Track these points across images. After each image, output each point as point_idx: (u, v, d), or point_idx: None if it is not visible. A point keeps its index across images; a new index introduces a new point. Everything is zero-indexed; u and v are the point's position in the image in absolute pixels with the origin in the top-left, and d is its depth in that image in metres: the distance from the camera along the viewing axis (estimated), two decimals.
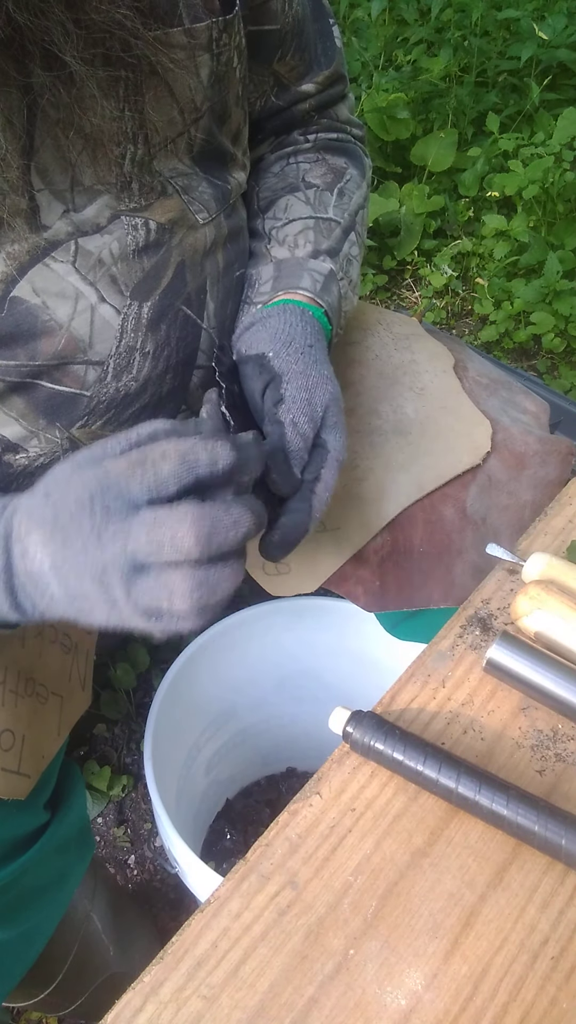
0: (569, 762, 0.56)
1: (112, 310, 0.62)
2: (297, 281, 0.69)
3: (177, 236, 0.64)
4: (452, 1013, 0.47)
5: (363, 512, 0.73)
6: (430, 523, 0.73)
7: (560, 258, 1.91)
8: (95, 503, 0.45)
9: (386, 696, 0.59)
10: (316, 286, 0.69)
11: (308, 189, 0.77)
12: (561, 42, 2.29)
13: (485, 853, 0.52)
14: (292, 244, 0.73)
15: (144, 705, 1.33)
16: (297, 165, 0.79)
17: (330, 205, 0.76)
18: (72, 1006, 0.96)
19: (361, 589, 0.72)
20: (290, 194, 0.76)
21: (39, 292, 0.59)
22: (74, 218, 0.59)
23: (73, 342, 0.61)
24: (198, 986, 0.48)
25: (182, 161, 0.64)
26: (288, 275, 0.70)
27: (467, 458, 0.75)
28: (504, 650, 0.57)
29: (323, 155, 0.79)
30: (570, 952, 0.49)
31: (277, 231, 0.74)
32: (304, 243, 0.72)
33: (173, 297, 0.65)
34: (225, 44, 0.63)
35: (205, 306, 0.67)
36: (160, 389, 0.66)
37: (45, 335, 0.60)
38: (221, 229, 0.68)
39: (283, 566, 0.74)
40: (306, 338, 0.63)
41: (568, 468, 0.80)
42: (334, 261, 0.72)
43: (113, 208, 0.61)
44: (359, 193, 0.79)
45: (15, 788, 0.64)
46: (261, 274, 0.72)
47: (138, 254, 0.62)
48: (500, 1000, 0.47)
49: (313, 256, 0.72)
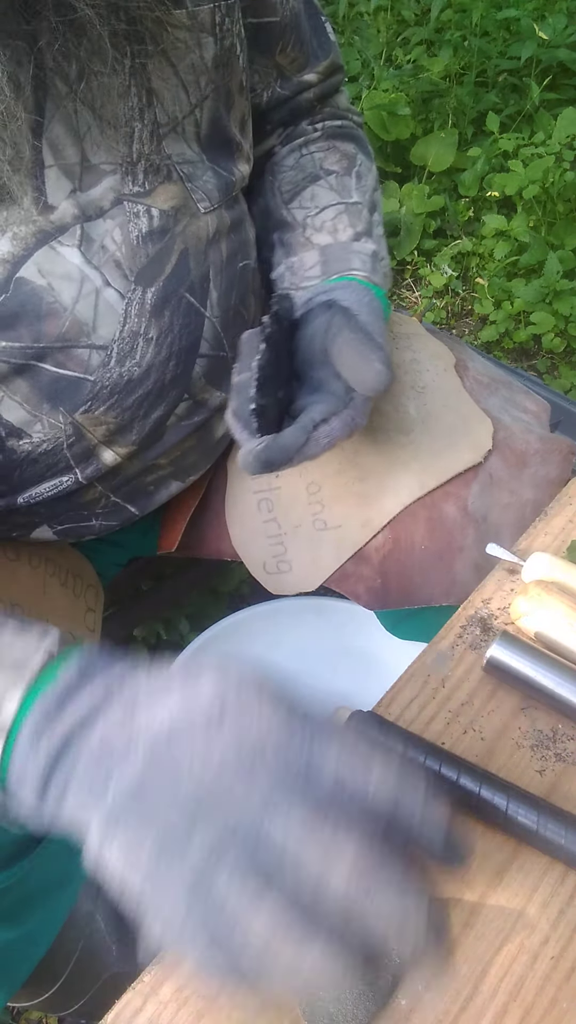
0: (569, 762, 0.56)
1: (116, 294, 0.62)
2: (347, 264, 0.72)
3: (181, 224, 0.64)
4: (452, 1013, 0.47)
5: (364, 510, 0.73)
6: (432, 521, 0.73)
7: (560, 258, 1.91)
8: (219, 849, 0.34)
9: (386, 696, 0.59)
10: (367, 266, 0.72)
11: (328, 176, 0.79)
12: (561, 42, 2.29)
13: (485, 853, 0.52)
14: (331, 229, 0.75)
15: None
16: (312, 155, 0.81)
17: (352, 188, 0.78)
18: (74, 1006, 0.96)
19: (362, 587, 0.72)
20: (312, 184, 0.79)
21: (45, 274, 0.60)
22: (80, 199, 0.59)
23: (77, 325, 0.61)
24: (198, 986, 0.48)
25: (190, 147, 0.65)
26: (336, 259, 0.73)
27: (468, 456, 0.75)
28: (504, 650, 0.57)
29: (333, 142, 0.82)
30: (570, 952, 0.49)
31: (312, 219, 0.76)
32: (343, 227, 0.75)
33: (177, 284, 0.65)
34: (228, 29, 0.65)
35: (208, 295, 0.67)
36: (163, 376, 0.66)
37: (49, 317, 0.61)
38: (223, 219, 0.68)
39: (284, 564, 0.74)
40: (374, 306, 0.66)
41: (569, 467, 0.80)
42: (374, 242, 0.75)
43: (117, 192, 0.61)
44: (371, 175, 0.81)
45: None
46: (304, 260, 0.74)
47: (142, 240, 0.63)
48: (500, 1000, 0.47)
49: (355, 239, 0.74)
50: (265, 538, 0.75)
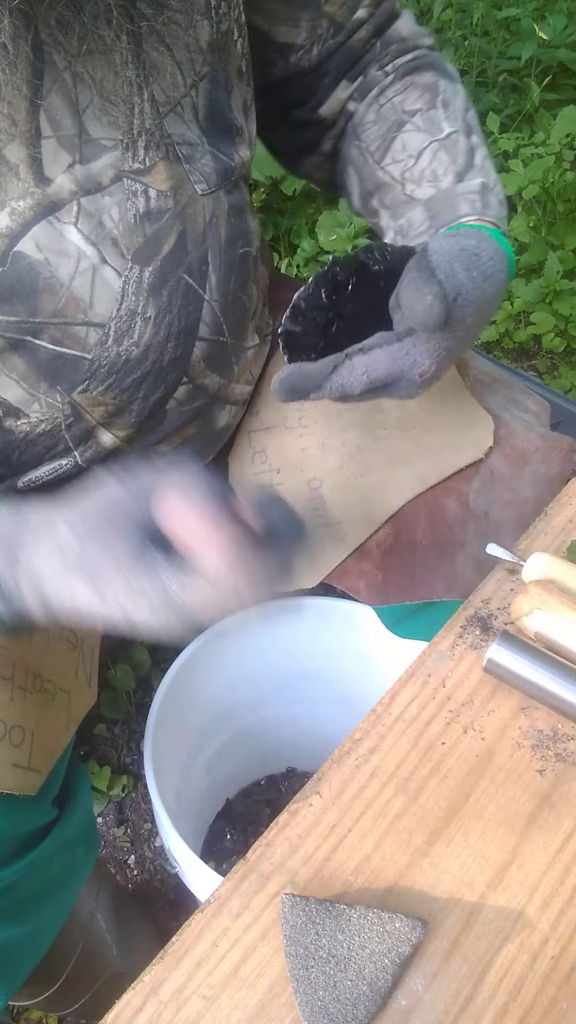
0: (569, 762, 0.56)
1: (113, 272, 0.62)
2: (455, 212, 0.67)
3: (179, 205, 0.64)
4: (452, 1013, 0.47)
5: (365, 505, 0.73)
6: (432, 516, 0.73)
7: (560, 258, 1.91)
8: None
9: (386, 696, 0.59)
10: (476, 206, 0.67)
11: (413, 117, 0.74)
12: (561, 42, 2.29)
13: (485, 853, 0.52)
14: (431, 177, 0.71)
15: (144, 705, 1.33)
16: (391, 101, 0.76)
17: (442, 120, 0.73)
18: (75, 1005, 0.96)
19: (363, 583, 0.72)
20: (399, 132, 0.74)
21: (42, 248, 0.60)
22: (78, 173, 0.60)
23: (74, 301, 0.62)
24: (198, 986, 0.48)
25: (191, 129, 0.65)
26: (443, 210, 0.68)
27: (470, 452, 0.75)
28: (504, 650, 0.57)
29: (409, 79, 0.77)
30: (570, 952, 0.49)
31: (409, 171, 0.72)
32: (444, 170, 0.70)
33: (175, 265, 0.65)
34: (225, 14, 0.64)
35: (207, 278, 0.67)
36: (161, 357, 0.66)
37: (46, 292, 0.61)
38: (220, 203, 0.68)
39: None
40: (481, 252, 0.62)
41: (569, 465, 0.80)
42: (478, 172, 0.70)
43: (117, 168, 0.61)
44: (459, 97, 0.76)
45: (26, 783, 0.65)
46: (412, 220, 0.71)
47: (139, 220, 0.63)
48: (500, 1000, 0.47)
49: (458, 180, 0.70)
50: None
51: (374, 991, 0.46)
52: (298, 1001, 0.46)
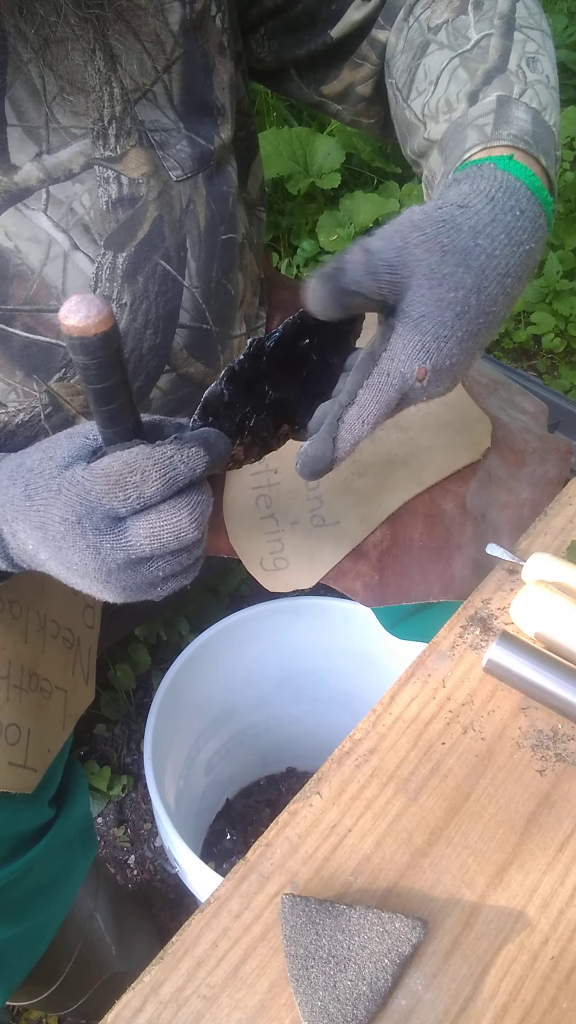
0: (569, 762, 0.56)
1: (86, 259, 0.62)
2: (462, 146, 0.56)
3: (153, 191, 0.64)
4: (452, 1013, 0.47)
5: (363, 506, 0.73)
6: (430, 517, 0.73)
7: (560, 258, 1.91)
8: (84, 525, 0.47)
9: (386, 696, 0.59)
10: (485, 133, 0.55)
11: (438, 33, 0.64)
12: (561, 42, 2.29)
13: (485, 853, 0.52)
14: (446, 108, 0.61)
15: (144, 705, 1.33)
16: (417, 21, 0.67)
17: (470, 27, 0.63)
18: (74, 1005, 0.96)
19: (360, 584, 0.72)
20: (422, 56, 0.65)
21: (11, 236, 0.60)
22: (46, 162, 0.60)
23: (45, 288, 0.61)
24: (198, 986, 0.48)
25: (165, 114, 0.64)
26: (453, 145, 0.58)
27: (467, 453, 0.75)
28: (504, 650, 0.57)
29: None
30: (570, 952, 0.49)
31: (427, 106, 0.63)
32: (457, 97, 0.60)
33: (150, 251, 0.65)
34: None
35: (186, 264, 0.67)
36: (140, 345, 0.66)
37: (17, 279, 0.60)
38: (198, 189, 0.67)
39: (281, 561, 0.74)
40: (461, 224, 0.49)
41: (567, 467, 0.80)
42: (502, 82, 0.59)
43: (88, 156, 0.61)
44: None
45: (22, 782, 0.65)
46: (432, 170, 0.62)
47: (111, 206, 0.63)
48: (500, 1000, 0.47)
49: (471, 101, 0.59)
50: (263, 534, 0.75)
51: (374, 991, 0.46)
52: (298, 1001, 0.46)
